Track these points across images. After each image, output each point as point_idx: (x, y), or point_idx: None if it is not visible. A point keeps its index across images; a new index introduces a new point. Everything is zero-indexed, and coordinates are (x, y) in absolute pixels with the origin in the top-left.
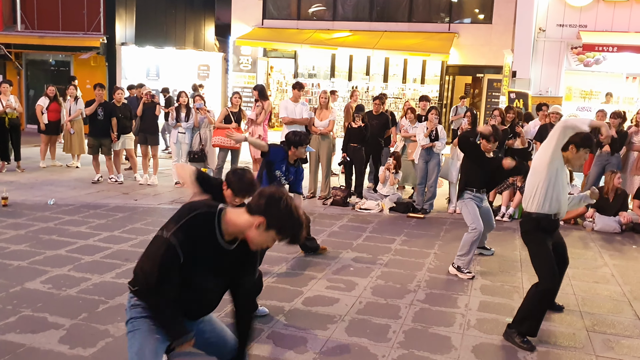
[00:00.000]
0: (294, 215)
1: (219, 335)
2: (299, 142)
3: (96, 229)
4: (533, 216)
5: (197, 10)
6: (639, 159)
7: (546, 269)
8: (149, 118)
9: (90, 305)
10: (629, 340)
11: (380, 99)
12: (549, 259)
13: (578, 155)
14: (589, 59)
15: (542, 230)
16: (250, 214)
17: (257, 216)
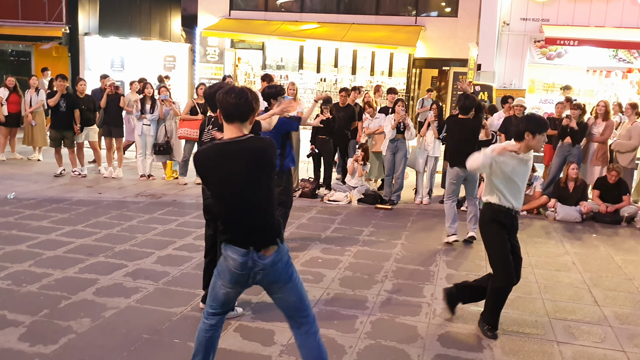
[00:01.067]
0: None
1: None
2: (277, 93)
3: (58, 223)
4: (493, 208)
5: (163, 0)
6: (598, 150)
7: (501, 265)
8: (112, 110)
9: (51, 302)
10: (588, 326)
11: (346, 91)
12: (504, 255)
13: (536, 140)
14: (551, 52)
15: (498, 222)
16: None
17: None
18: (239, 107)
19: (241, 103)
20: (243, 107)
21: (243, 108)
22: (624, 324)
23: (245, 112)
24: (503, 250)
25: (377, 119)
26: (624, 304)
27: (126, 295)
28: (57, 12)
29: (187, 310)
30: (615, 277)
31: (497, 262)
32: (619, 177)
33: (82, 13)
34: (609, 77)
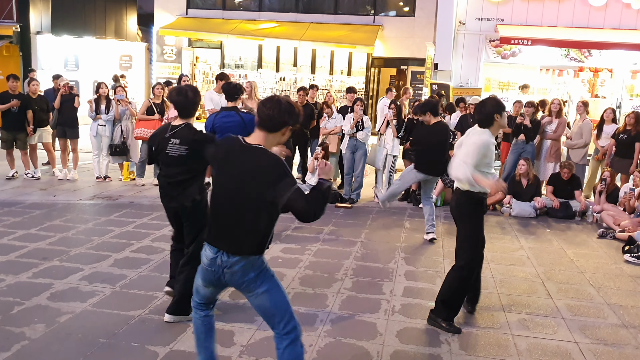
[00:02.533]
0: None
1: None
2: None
3: (11, 227)
4: (473, 195)
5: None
6: (552, 147)
7: (476, 253)
8: (67, 110)
9: (4, 308)
10: (542, 319)
11: (304, 90)
12: (479, 240)
13: (504, 118)
14: (506, 51)
15: (481, 210)
16: None
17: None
18: (271, 119)
19: (273, 115)
20: (275, 119)
21: (274, 120)
22: (576, 316)
23: (274, 124)
24: (481, 236)
25: (333, 119)
26: (575, 296)
27: (82, 300)
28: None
29: (145, 313)
30: (568, 270)
31: (474, 246)
32: (572, 173)
33: (34, 11)
34: (561, 75)
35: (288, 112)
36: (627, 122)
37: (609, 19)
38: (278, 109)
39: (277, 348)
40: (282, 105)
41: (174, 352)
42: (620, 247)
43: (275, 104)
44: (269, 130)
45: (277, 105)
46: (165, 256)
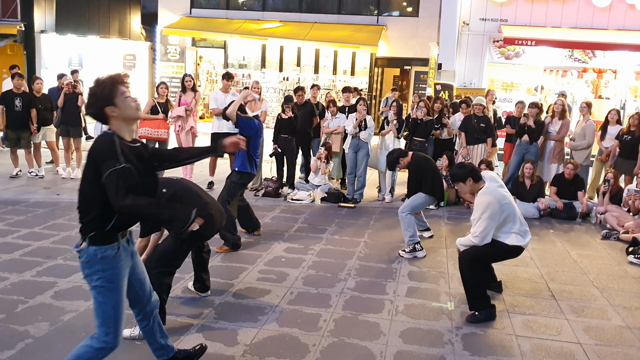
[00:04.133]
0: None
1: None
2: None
3: (15, 226)
4: (511, 245)
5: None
6: (555, 148)
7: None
8: (70, 109)
9: (8, 306)
10: (546, 320)
11: (302, 90)
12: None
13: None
14: (510, 52)
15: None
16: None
17: None
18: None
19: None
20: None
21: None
22: (580, 317)
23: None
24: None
25: (337, 119)
26: (579, 297)
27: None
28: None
29: None
30: (571, 271)
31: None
32: (576, 171)
33: (38, 10)
34: (565, 76)
35: (93, 93)
36: (631, 123)
37: (613, 20)
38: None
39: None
40: (90, 91)
41: None
42: (624, 248)
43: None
44: (104, 123)
45: (90, 92)
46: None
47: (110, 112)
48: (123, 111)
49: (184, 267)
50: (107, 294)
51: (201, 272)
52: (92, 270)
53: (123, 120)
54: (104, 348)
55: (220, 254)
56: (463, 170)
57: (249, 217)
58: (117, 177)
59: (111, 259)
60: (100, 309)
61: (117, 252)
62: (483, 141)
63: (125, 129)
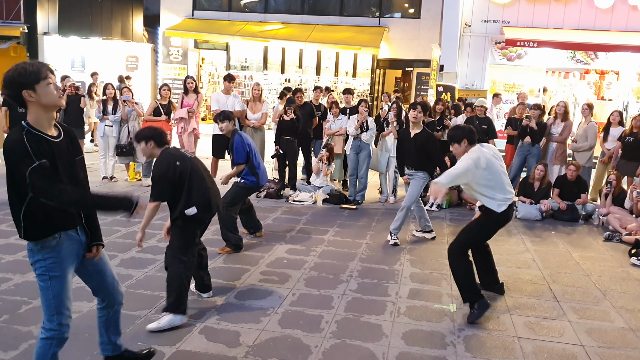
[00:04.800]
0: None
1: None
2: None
3: None
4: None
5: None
6: (557, 150)
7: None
8: (73, 111)
9: (11, 307)
10: (548, 322)
11: (301, 92)
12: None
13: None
14: (512, 53)
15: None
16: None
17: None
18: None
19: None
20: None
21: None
22: (582, 319)
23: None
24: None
25: (339, 120)
26: (581, 299)
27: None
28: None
29: (152, 313)
30: (574, 273)
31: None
32: (578, 172)
33: (41, 12)
34: (567, 78)
35: (9, 83)
36: (634, 124)
37: (615, 21)
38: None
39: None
40: (5, 79)
41: (180, 352)
42: (626, 250)
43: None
44: (22, 107)
45: (2, 81)
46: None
47: (27, 97)
48: (42, 97)
49: None
50: (48, 282)
51: (200, 271)
52: (35, 259)
53: (41, 107)
54: (51, 337)
55: (223, 255)
56: (460, 132)
57: (251, 218)
58: (37, 174)
59: (52, 249)
60: (43, 296)
61: (58, 242)
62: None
63: (45, 117)
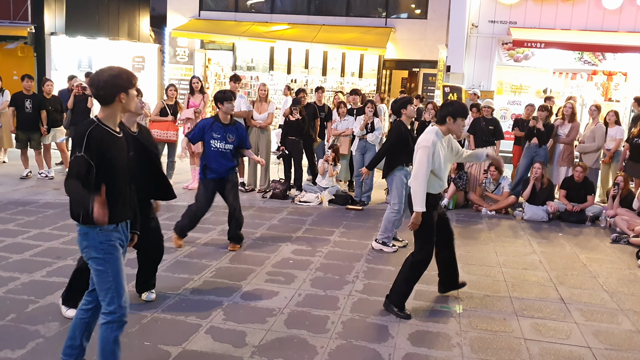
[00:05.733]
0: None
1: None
2: (223, 98)
3: (25, 227)
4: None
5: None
6: (564, 151)
7: (428, 243)
8: (80, 111)
9: (19, 306)
10: (554, 323)
11: (304, 92)
12: (433, 234)
13: (457, 125)
14: (519, 54)
15: (431, 207)
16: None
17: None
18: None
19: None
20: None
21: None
22: (589, 321)
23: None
24: (432, 227)
25: (345, 121)
26: (588, 301)
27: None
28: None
29: (158, 313)
30: (581, 275)
31: (426, 237)
32: (585, 174)
33: (48, 12)
34: (574, 79)
35: (110, 83)
36: None
37: (623, 22)
38: (102, 85)
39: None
40: (101, 79)
41: (186, 352)
42: (634, 252)
43: (95, 80)
44: (104, 104)
45: (97, 80)
46: (177, 256)
47: (120, 99)
48: (130, 102)
49: (192, 269)
50: (106, 265)
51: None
52: (90, 243)
53: (124, 110)
54: (112, 321)
55: (229, 255)
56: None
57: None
58: (75, 162)
59: (109, 232)
60: (100, 281)
61: (115, 228)
62: (492, 144)
63: (118, 118)
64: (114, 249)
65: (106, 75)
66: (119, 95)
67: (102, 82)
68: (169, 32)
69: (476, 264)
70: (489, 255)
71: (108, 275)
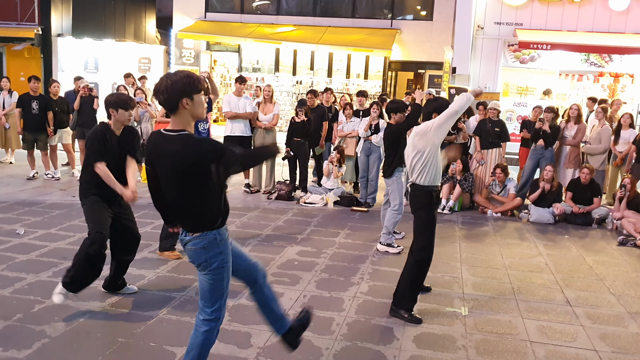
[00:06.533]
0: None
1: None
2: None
3: (31, 227)
4: (427, 189)
5: (138, 1)
6: (571, 153)
7: (429, 241)
8: (86, 112)
9: (25, 306)
10: (561, 326)
11: (313, 93)
12: (434, 232)
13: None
14: (525, 56)
15: (434, 204)
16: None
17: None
18: (165, 101)
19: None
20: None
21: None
22: (596, 324)
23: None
24: (434, 229)
25: (351, 122)
26: (595, 304)
27: (101, 299)
28: (29, 13)
29: (163, 314)
30: (587, 277)
31: (430, 233)
32: (592, 176)
33: (55, 14)
34: (580, 80)
35: (175, 87)
36: None
37: (630, 24)
38: (164, 90)
39: (201, 329)
40: (164, 84)
41: None
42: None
43: (162, 85)
44: (170, 112)
45: (164, 86)
46: (184, 257)
47: (184, 104)
48: (196, 107)
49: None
50: (223, 273)
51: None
52: (210, 255)
53: (190, 116)
54: (214, 327)
55: None
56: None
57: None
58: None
59: (225, 241)
60: (215, 288)
61: (227, 234)
62: (498, 146)
63: (187, 126)
64: (229, 257)
65: (168, 81)
66: (182, 101)
67: (164, 88)
68: (175, 33)
69: (482, 266)
70: (494, 257)
71: (222, 284)
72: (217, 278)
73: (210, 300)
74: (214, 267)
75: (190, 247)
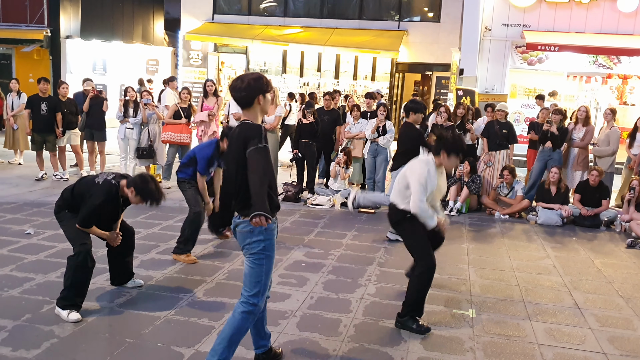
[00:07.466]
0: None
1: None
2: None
3: (40, 228)
4: (400, 208)
5: (146, 3)
6: (579, 155)
7: (421, 250)
8: (95, 113)
9: (34, 306)
10: (569, 328)
11: (330, 95)
12: (422, 240)
13: (450, 160)
14: (532, 57)
15: (414, 218)
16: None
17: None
18: (241, 98)
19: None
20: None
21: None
22: (604, 327)
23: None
24: (419, 234)
25: (359, 124)
26: (603, 306)
27: (109, 300)
28: (38, 15)
29: (171, 314)
30: (595, 280)
31: (421, 245)
32: (600, 178)
33: (64, 16)
34: (589, 82)
35: (251, 86)
36: None
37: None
38: (244, 88)
39: (238, 309)
40: (244, 83)
41: (199, 354)
42: None
43: (242, 84)
44: (244, 107)
45: (240, 84)
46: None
47: (258, 101)
48: (265, 104)
49: (204, 271)
50: (264, 260)
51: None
52: (254, 239)
53: (260, 111)
54: (252, 312)
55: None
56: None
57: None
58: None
59: (271, 231)
60: (254, 273)
61: (274, 225)
62: (505, 147)
63: (257, 120)
64: (272, 246)
65: (247, 80)
66: (258, 98)
67: (244, 86)
68: (182, 35)
69: (489, 268)
70: (502, 259)
71: (262, 271)
72: (257, 263)
73: (248, 284)
74: (254, 251)
75: (239, 230)
